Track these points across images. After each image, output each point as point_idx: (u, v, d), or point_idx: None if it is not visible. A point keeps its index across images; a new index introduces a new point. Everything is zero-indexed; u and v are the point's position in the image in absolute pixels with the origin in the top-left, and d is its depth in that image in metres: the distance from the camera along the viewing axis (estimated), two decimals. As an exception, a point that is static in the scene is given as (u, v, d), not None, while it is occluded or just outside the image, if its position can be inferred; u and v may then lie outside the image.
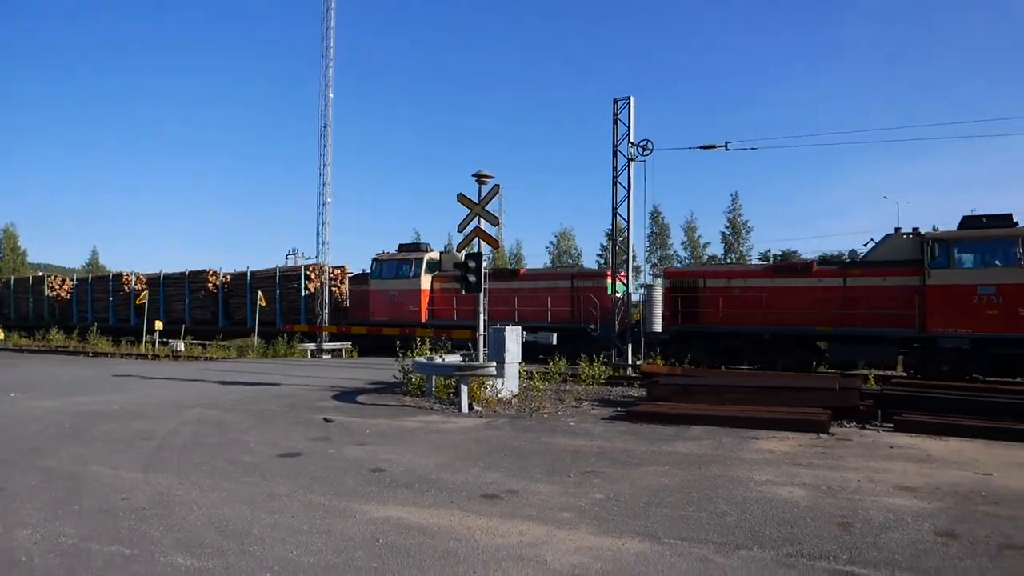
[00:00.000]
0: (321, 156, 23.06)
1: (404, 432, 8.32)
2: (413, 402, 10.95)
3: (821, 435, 8.11)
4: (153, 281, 28.95)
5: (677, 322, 16.61)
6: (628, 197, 18.13)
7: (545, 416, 9.59)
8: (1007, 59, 75.92)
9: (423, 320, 20.37)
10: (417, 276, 20.73)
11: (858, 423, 9.01)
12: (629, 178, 18.15)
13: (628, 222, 18.27)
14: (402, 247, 22.21)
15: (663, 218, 49.66)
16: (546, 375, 13.05)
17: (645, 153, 18.16)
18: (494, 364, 10.88)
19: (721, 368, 14.92)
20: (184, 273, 28.33)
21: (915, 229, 15.13)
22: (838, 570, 3.86)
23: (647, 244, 48.53)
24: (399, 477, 6.02)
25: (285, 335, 23.67)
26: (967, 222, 14.24)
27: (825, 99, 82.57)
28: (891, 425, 8.67)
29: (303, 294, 24.46)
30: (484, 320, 11.99)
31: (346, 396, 11.76)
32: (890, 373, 14.91)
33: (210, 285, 27.34)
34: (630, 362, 16.76)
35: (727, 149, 19.06)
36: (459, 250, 12.83)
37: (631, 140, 18.13)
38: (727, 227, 45.09)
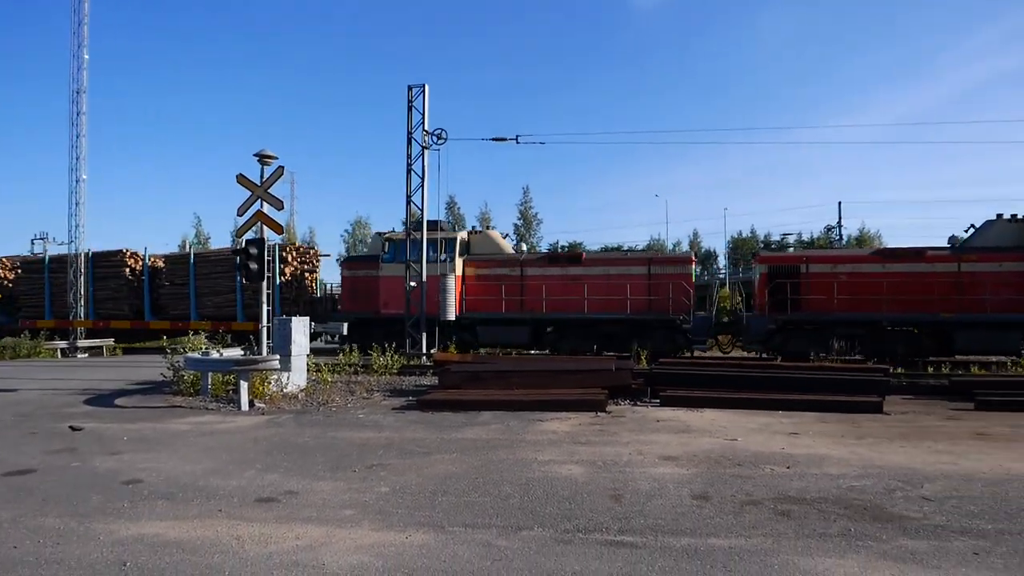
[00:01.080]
0: (74, 126, 20.10)
1: (171, 436, 7.47)
2: (185, 402, 9.91)
3: (599, 414, 8.66)
4: None
5: (785, 311, 15.29)
6: (423, 186, 18.03)
7: (334, 409, 9.18)
8: (755, 78, 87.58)
9: (457, 312, 16.55)
10: (451, 259, 17.00)
11: (631, 400, 9.78)
12: (423, 166, 18.05)
13: (423, 211, 18.19)
14: (416, 225, 18.08)
15: (459, 208, 50.42)
16: (336, 367, 12.55)
17: (439, 142, 18.16)
18: (278, 358, 10.21)
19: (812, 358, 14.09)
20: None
21: (1013, 215, 15.07)
22: (610, 540, 4.07)
23: (443, 234, 49.02)
24: (159, 488, 5.35)
25: (44, 332, 20.40)
26: None
27: (620, 100, 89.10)
28: (658, 401, 9.54)
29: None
30: (268, 310, 11.21)
31: (103, 400, 10.35)
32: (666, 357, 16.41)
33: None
34: (424, 351, 16.74)
35: (517, 142, 19.73)
36: (239, 236, 11.83)
37: (425, 128, 18.03)
38: (519, 219, 46.99)
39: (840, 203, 40.27)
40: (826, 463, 5.96)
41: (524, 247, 19.50)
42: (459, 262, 16.92)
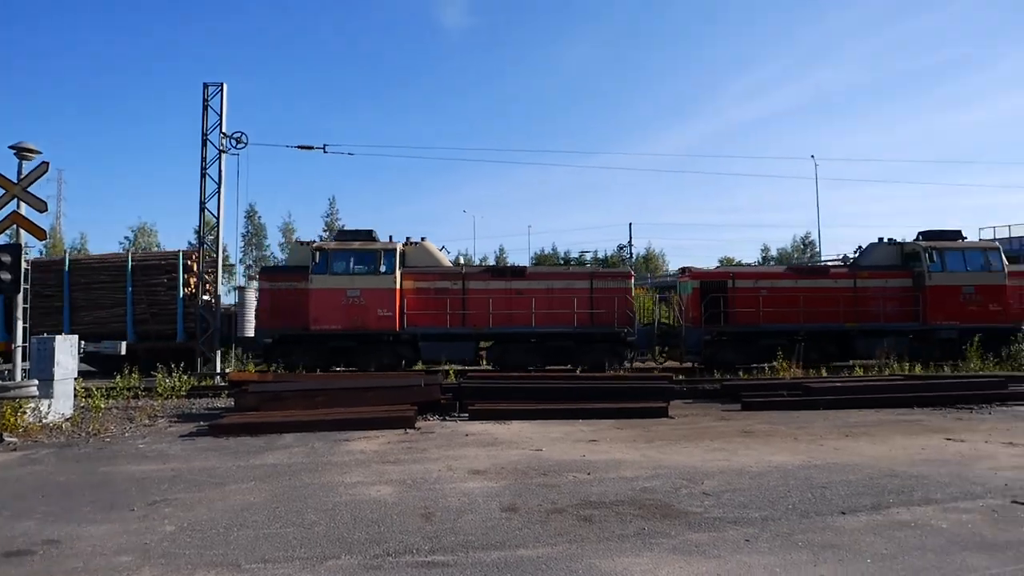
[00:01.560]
0: None
1: None
2: (-95, 441, 8.20)
3: (409, 431, 8.55)
4: None
5: (718, 323, 16.50)
6: (219, 192, 16.75)
7: (107, 440, 8.12)
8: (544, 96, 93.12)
9: (397, 328, 15.62)
10: (390, 272, 15.78)
11: (441, 416, 9.78)
12: (220, 171, 16.79)
13: (218, 219, 16.87)
14: (344, 234, 16.55)
15: (259, 217, 47.59)
16: (111, 390, 11.16)
17: (239, 146, 17.03)
18: (35, 383, 8.83)
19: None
20: None
21: (891, 239, 17.85)
22: (420, 561, 3.99)
23: (242, 243, 45.92)
24: None
25: None
26: (927, 235, 17.54)
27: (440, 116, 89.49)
28: (467, 415, 9.64)
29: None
30: (24, 327, 9.67)
31: None
32: (467, 369, 16.62)
33: None
34: (218, 370, 15.49)
35: (325, 151, 19.08)
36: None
37: (223, 131, 16.80)
38: (325, 231, 45.45)
39: (631, 224, 43.93)
40: (622, 467, 6.38)
41: (462, 260, 18.71)
42: (398, 274, 15.91)
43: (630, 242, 43.17)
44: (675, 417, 9.49)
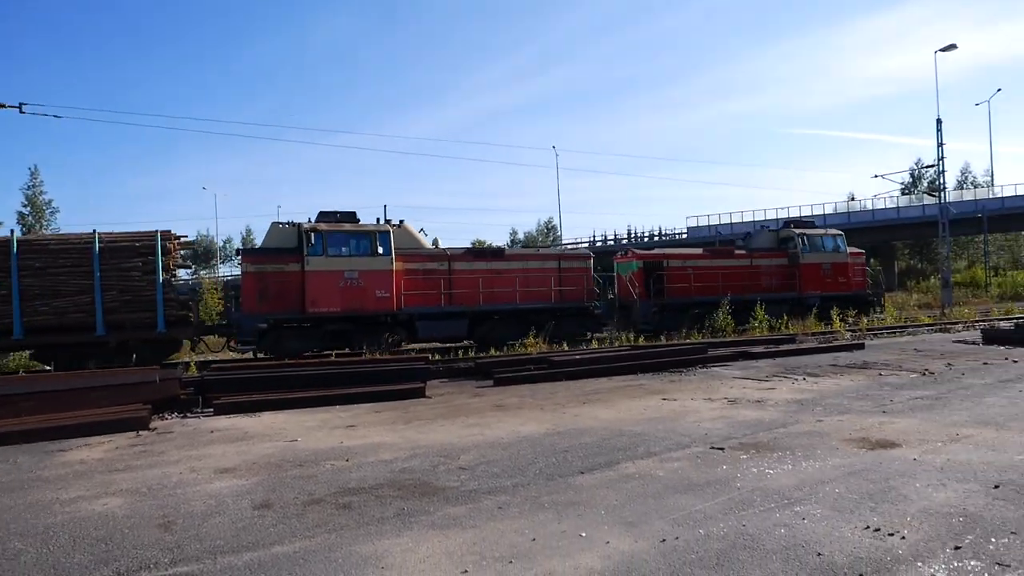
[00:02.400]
0: None
1: None
2: None
3: (141, 432, 7.67)
4: None
5: (662, 297, 20.20)
6: None
7: None
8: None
9: (395, 308, 16.24)
10: (387, 254, 16.26)
11: (180, 413, 8.93)
12: None
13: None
14: (326, 215, 16.29)
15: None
16: None
17: None
18: None
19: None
20: None
21: (766, 227, 23.46)
22: (160, 576, 3.64)
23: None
24: None
25: None
26: (795, 224, 23.57)
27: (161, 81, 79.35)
28: (211, 410, 8.91)
29: None
30: None
31: None
32: (213, 359, 15.36)
33: None
34: None
35: (22, 111, 16.23)
36: None
37: None
38: (25, 205, 38.65)
39: (385, 206, 43.76)
40: (381, 450, 6.40)
41: (439, 241, 20.21)
42: (393, 256, 16.35)
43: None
44: (432, 397, 9.74)
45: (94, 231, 14.23)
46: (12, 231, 14.37)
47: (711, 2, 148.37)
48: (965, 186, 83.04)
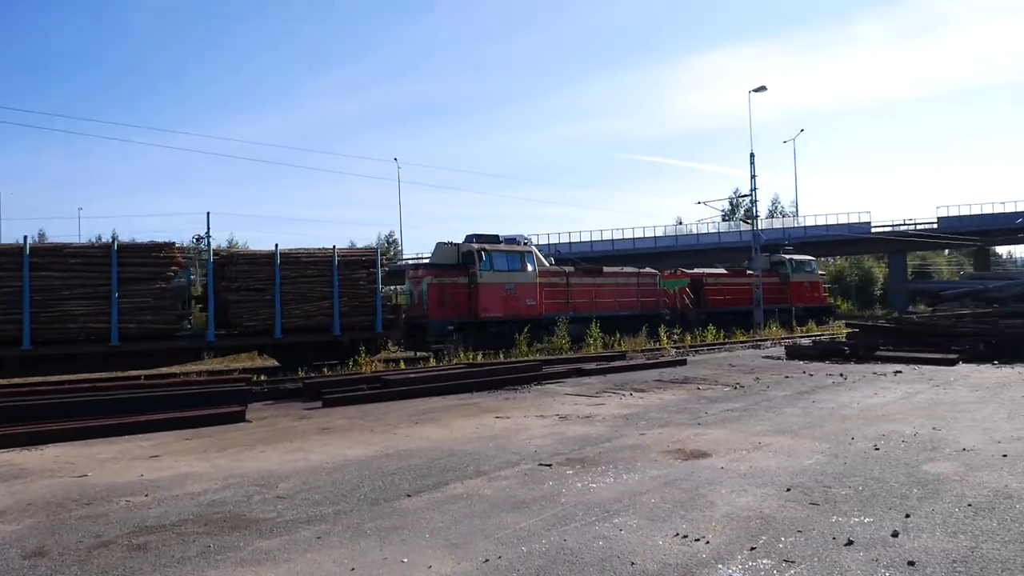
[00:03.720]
0: None
1: None
2: None
3: None
4: None
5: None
6: None
7: None
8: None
9: (539, 314, 21.37)
10: (534, 269, 21.71)
11: (-63, 448, 7.71)
12: None
13: None
14: (478, 237, 21.48)
15: None
16: None
17: None
18: None
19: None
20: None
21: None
22: None
23: None
24: None
25: None
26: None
27: None
28: (-20, 443, 7.79)
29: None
30: None
31: None
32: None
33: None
34: None
35: None
36: None
37: None
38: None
39: (208, 213, 41.10)
40: (188, 482, 5.93)
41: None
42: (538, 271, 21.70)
43: (208, 233, 40.45)
44: (253, 421, 9.21)
45: (333, 247, 17.17)
46: (276, 245, 16.35)
47: (562, 28, 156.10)
48: (775, 215, 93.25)
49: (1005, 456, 6.21)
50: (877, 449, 6.61)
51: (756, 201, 34.41)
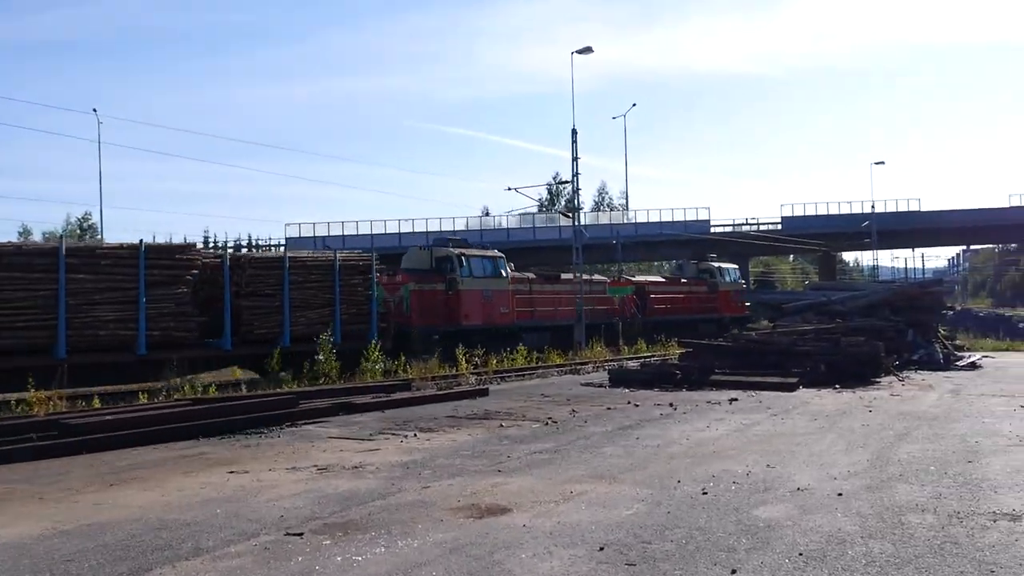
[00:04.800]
0: None
1: None
2: None
3: None
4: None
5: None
6: None
7: None
8: None
9: (512, 322, 27.46)
10: (507, 275, 27.90)
11: None
12: None
13: None
14: (453, 242, 28.50)
15: None
16: None
17: None
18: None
19: None
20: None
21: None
22: None
23: None
24: None
25: None
26: None
27: None
28: None
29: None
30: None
31: None
32: None
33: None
34: None
35: None
36: None
37: None
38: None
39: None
40: None
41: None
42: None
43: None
44: None
45: (335, 252, 21.94)
46: (283, 247, 23.93)
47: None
48: (602, 208, 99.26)
49: (840, 495, 7.08)
50: (705, 493, 7.24)
51: (579, 190, 36.38)
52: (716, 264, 41.03)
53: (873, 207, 68.12)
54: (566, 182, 54.78)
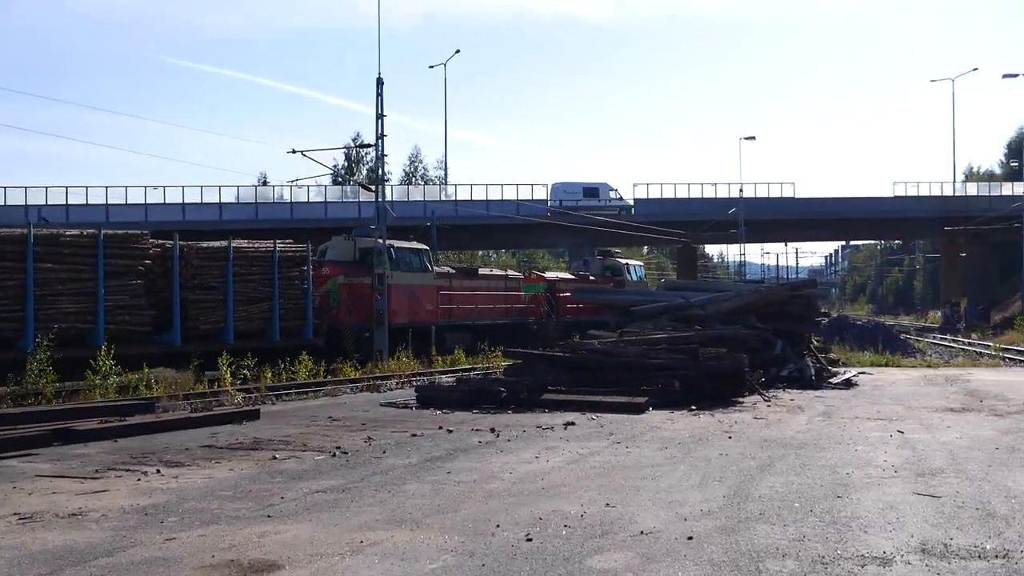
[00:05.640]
0: None
1: None
2: None
3: None
4: None
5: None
6: None
7: None
8: None
9: (438, 320, 32.89)
10: (432, 270, 33.77)
11: None
12: None
13: None
14: (362, 230, 33.38)
15: None
16: None
17: None
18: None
19: None
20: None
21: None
22: None
23: None
24: None
25: None
26: None
27: None
28: None
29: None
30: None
31: None
32: None
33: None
34: None
35: None
36: None
37: None
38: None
39: None
40: None
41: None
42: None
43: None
44: None
45: (274, 241, 26.81)
46: (230, 237, 26.52)
47: None
48: (414, 180, 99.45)
49: (691, 539, 7.40)
50: (530, 540, 7.38)
51: (384, 156, 36.24)
52: (624, 261, 45.48)
53: (742, 191, 71.86)
54: (369, 145, 54.60)
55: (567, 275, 45.93)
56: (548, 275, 44.43)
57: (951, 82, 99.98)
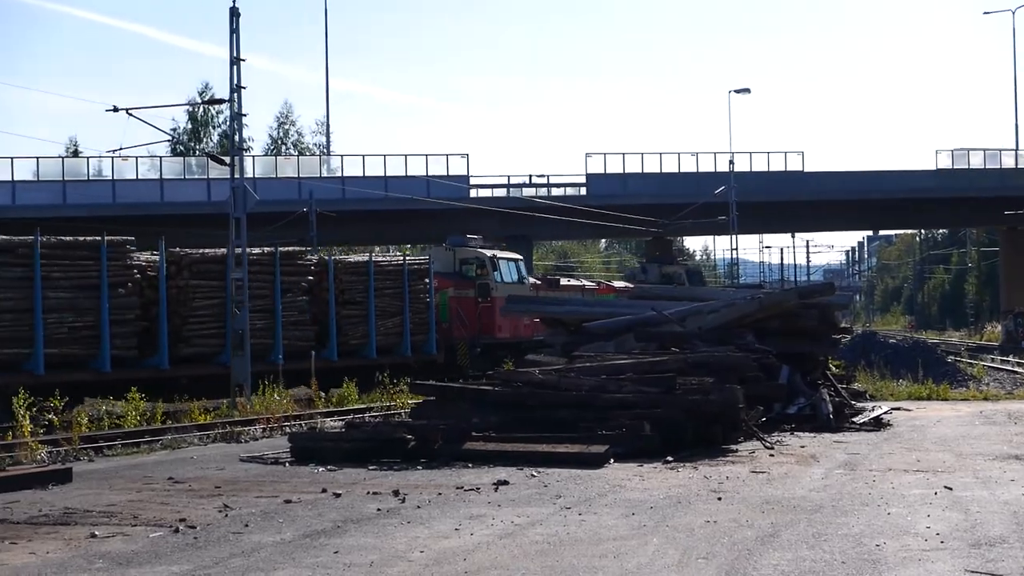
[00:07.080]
0: None
1: None
2: None
3: None
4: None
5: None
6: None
7: None
8: None
9: (532, 335, 38.30)
10: (527, 281, 42.39)
11: None
12: None
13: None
14: (457, 240, 42.37)
15: None
16: None
17: None
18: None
19: None
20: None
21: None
22: None
23: None
24: None
25: None
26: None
27: None
28: None
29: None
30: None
31: None
32: None
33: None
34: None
35: None
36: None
37: None
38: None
39: None
40: None
41: None
42: None
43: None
44: None
45: (404, 254, 39.99)
46: (370, 251, 43.94)
47: None
48: (284, 150, 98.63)
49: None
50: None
51: (243, 115, 35.58)
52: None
53: (732, 163, 71.58)
54: (221, 101, 53.97)
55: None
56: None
57: (1011, 14, 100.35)
